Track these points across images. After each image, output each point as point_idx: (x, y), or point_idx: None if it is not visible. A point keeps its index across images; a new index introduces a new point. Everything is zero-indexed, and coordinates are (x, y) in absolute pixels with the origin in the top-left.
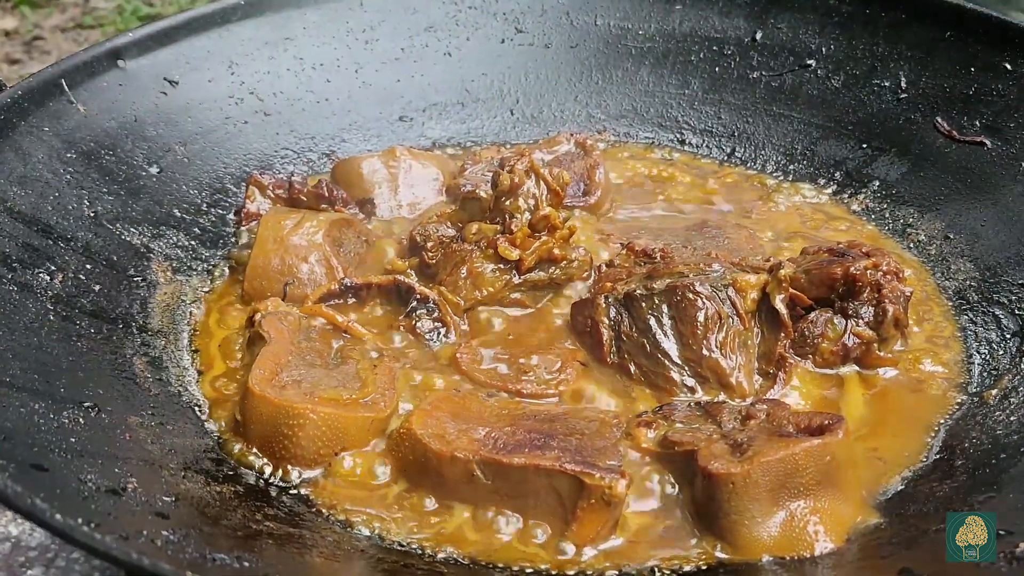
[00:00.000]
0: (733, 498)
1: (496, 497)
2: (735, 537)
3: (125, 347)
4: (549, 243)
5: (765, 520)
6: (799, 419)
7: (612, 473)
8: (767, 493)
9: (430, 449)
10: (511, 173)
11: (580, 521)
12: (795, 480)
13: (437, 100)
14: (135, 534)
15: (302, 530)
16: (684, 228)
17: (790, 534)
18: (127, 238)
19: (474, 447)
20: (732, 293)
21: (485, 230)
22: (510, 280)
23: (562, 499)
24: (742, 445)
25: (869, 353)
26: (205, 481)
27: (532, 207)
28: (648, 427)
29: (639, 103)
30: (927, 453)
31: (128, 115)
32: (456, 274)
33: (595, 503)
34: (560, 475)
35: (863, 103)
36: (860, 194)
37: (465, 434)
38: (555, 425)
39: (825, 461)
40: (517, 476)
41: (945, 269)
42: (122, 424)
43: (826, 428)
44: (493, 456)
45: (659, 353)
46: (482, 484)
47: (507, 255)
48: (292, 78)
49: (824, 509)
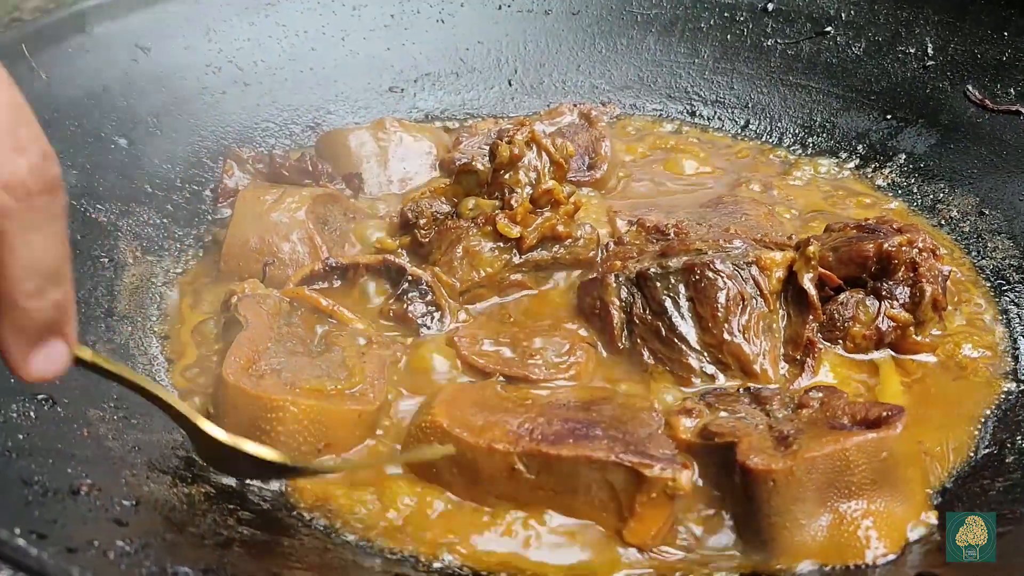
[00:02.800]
0: (774, 497)
1: (540, 494)
2: (776, 542)
3: (87, 333)
4: (552, 220)
5: (810, 523)
6: (856, 409)
7: (673, 463)
8: (813, 492)
9: (463, 442)
10: (510, 144)
11: (640, 518)
12: (845, 479)
13: (429, 70)
14: (84, 545)
15: (279, 536)
16: (697, 205)
17: (838, 539)
18: (92, 215)
19: (512, 439)
20: (755, 272)
21: (482, 206)
22: (510, 260)
23: (616, 494)
24: (787, 438)
25: (905, 338)
26: (172, 482)
27: (533, 181)
28: (688, 415)
29: (646, 73)
30: (975, 447)
31: (95, 84)
32: (451, 253)
33: (656, 497)
34: (615, 467)
35: (886, 71)
36: (885, 168)
37: (497, 426)
38: (591, 413)
39: (880, 458)
40: (566, 469)
41: (981, 247)
42: (80, 418)
43: (884, 420)
44: (538, 448)
45: (675, 337)
46: (524, 479)
47: (507, 232)
48: (274, 46)
49: (879, 512)
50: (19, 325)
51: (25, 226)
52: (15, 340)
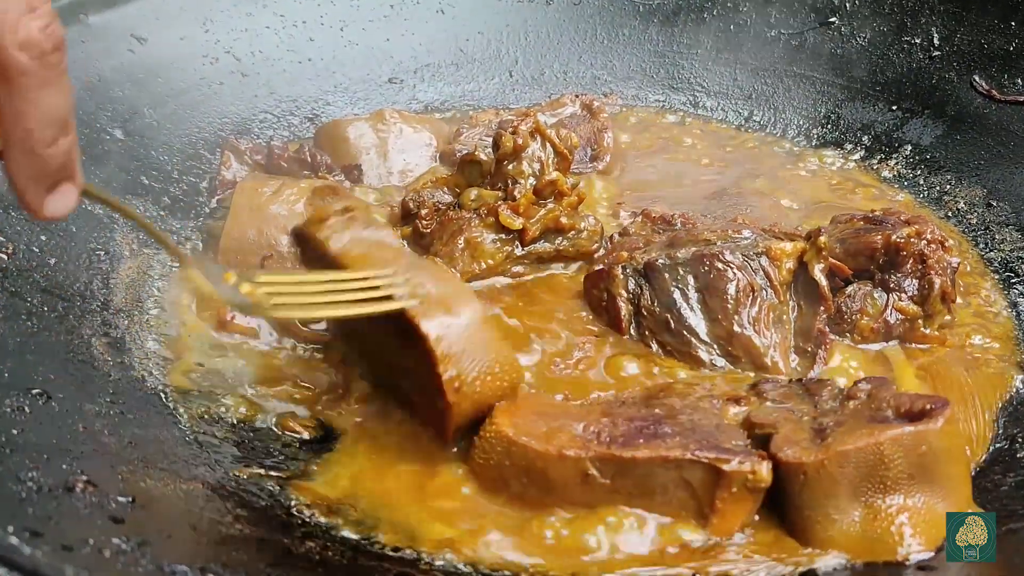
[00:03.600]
0: (805, 491)
1: (617, 497)
2: (808, 535)
3: (83, 327)
4: (555, 211)
5: (842, 517)
6: (901, 401)
7: (751, 456)
8: (846, 487)
9: (532, 451)
10: (514, 134)
11: (722, 514)
12: (881, 473)
13: (429, 61)
14: (79, 543)
15: (278, 535)
16: (701, 197)
17: (871, 535)
18: (88, 207)
19: (582, 444)
20: (765, 263)
21: (485, 196)
22: (512, 252)
23: (695, 491)
24: (825, 430)
25: (913, 330)
26: (169, 478)
27: (537, 172)
28: (736, 403)
29: (648, 64)
30: (991, 441)
31: (91, 74)
32: (452, 244)
33: (737, 492)
34: (691, 465)
35: (892, 62)
36: (891, 160)
37: (562, 431)
38: (654, 410)
39: (918, 452)
40: (641, 471)
41: (989, 239)
42: (76, 413)
43: (926, 414)
44: (610, 452)
45: (684, 329)
46: (599, 484)
47: (509, 224)
48: (272, 36)
49: (916, 508)
50: (37, 171)
51: (41, 82)
52: (34, 186)
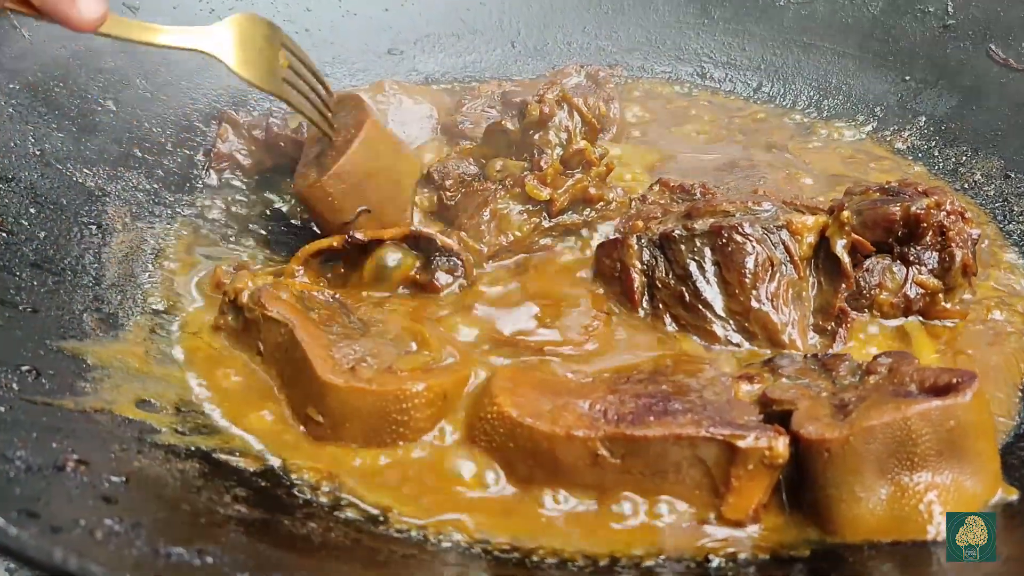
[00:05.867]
0: (829, 469)
1: (628, 478)
2: (831, 516)
3: (74, 302)
4: (583, 181)
5: (868, 496)
6: (925, 376)
7: (766, 431)
8: (871, 464)
9: (538, 432)
10: (541, 103)
11: (737, 492)
12: (907, 449)
13: (430, 31)
14: (69, 524)
15: (279, 515)
16: (712, 168)
17: (898, 514)
18: (79, 179)
19: (590, 423)
20: (786, 236)
21: (511, 167)
22: (539, 223)
23: (709, 470)
24: (847, 406)
25: (934, 304)
26: (164, 457)
27: (564, 141)
28: (749, 381)
29: (654, 34)
30: (1018, 416)
31: (81, 43)
32: (478, 217)
33: (754, 469)
34: (705, 442)
35: (905, 31)
36: (904, 131)
37: (568, 409)
38: (661, 386)
39: (947, 427)
40: (655, 450)
41: (1007, 211)
42: (66, 390)
43: (953, 387)
44: (620, 431)
45: (700, 304)
46: (610, 465)
47: (536, 195)
48: (268, 6)
49: (945, 485)
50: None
51: None
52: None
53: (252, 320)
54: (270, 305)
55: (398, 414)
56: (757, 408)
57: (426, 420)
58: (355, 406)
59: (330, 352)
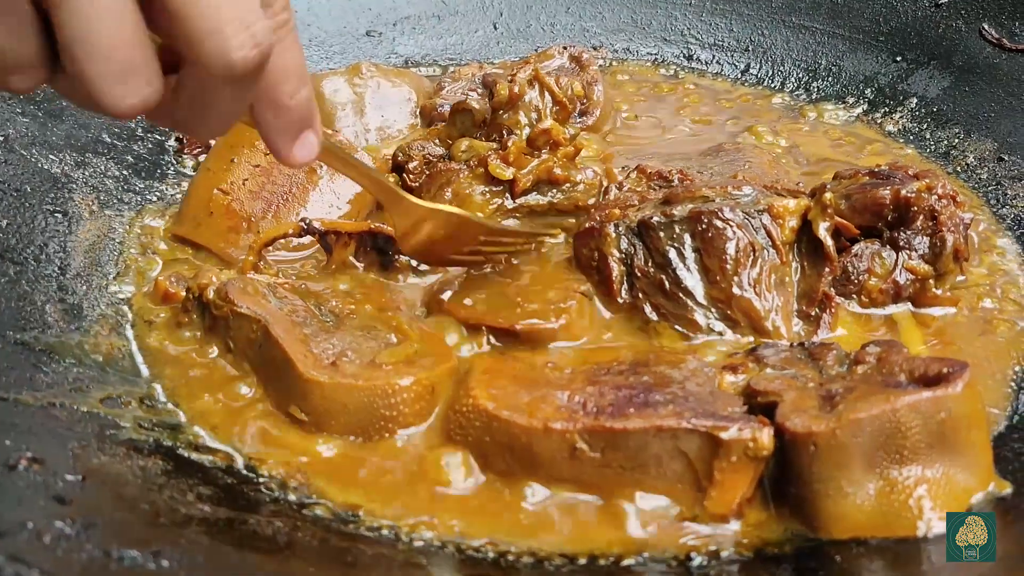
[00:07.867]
0: (815, 463)
1: (607, 472)
2: (817, 512)
3: (36, 293)
4: (549, 162)
5: (856, 491)
6: (915, 365)
7: (750, 422)
8: (859, 458)
9: (515, 425)
10: (511, 82)
11: (720, 485)
12: (896, 442)
13: (409, 12)
14: (14, 528)
15: (244, 513)
16: (697, 153)
17: (887, 509)
18: (44, 165)
19: (568, 415)
20: (767, 221)
21: (477, 147)
22: (502, 204)
23: (691, 463)
24: (834, 397)
25: (924, 291)
26: (126, 454)
27: (534, 122)
28: (733, 372)
29: (640, 15)
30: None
31: None
32: (440, 197)
33: (737, 461)
34: (687, 434)
35: (895, 10)
36: (895, 113)
37: (544, 401)
38: (642, 377)
39: (938, 419)
40: (633, 443)
41: (1000, 195)
42: (24, 385)
43: (944, 378)
44: (599, 423)
45: (680, 292)
46: (588, 459)
47: (499, 174)
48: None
49: (935, 479)
50: (285, 122)
51: (281, 38)
52: (282, 136)
53: (220, 317)
54: (239, 300)
55: (386, 409)
56: (741, 399)
57: (414, 415)
58: (341, 403)
59: (309, 348)
